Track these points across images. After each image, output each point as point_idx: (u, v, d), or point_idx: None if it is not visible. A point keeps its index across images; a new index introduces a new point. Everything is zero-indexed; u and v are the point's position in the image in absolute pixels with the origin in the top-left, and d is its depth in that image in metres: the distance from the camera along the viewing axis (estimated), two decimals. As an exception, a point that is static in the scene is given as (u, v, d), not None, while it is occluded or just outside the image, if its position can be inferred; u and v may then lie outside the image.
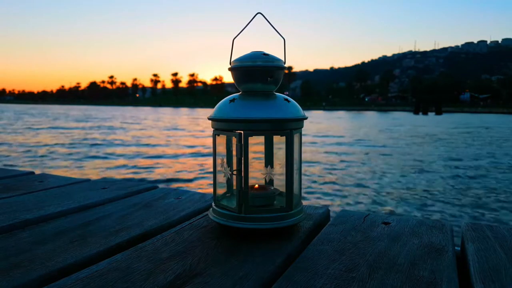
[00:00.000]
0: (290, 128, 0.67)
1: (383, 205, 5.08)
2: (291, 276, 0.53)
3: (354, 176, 7.03)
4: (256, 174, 0.74)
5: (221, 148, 0.74)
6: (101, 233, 0.69)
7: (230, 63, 0.71)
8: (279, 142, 0.71)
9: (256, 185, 0.74)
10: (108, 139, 13.08)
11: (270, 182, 0.77)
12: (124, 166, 7.89)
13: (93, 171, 7.33)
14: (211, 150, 0.72)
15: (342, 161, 8.86)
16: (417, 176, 7.06)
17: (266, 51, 0.70)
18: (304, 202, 0.81)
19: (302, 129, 0.71)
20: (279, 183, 0.75)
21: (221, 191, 0.76)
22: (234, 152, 0.67)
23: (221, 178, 0.74)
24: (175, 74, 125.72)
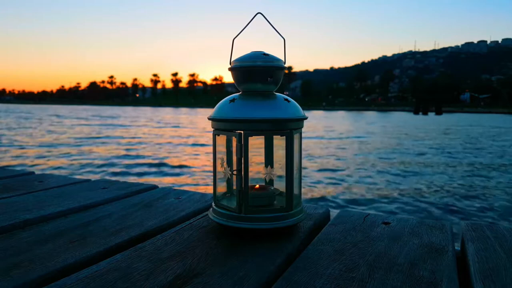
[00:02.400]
0: (290, 128, 0.67)
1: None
2: (291, 276, 0.53)
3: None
4: (256, 174, 0.74)
5: (221, 148, 0.74)
6: (101, 233, 0.69)
7: (230, 63, 0.71)
8: (279, 142, 0.71)
9: (256, 185, 0.74)
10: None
11: (270, 182, 0.77)
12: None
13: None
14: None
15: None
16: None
17: (266, 51, 0.70)
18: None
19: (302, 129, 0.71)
20: (279, 183, 0.75)
21: (221, 190, 0.76)
22: (234, 152, 0.67)
23: (221, 178, 0.74)
24: (175, 74, 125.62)
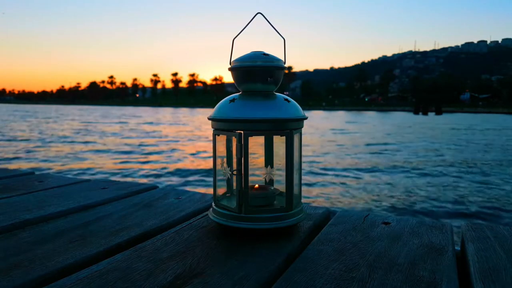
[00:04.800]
0: (290, 128, 0.67)
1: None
2: (291, 276, 0.53)
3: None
4: (256, 174, 0.74)
5: (221, 148, 0.74)
6: (101, 233, 0.69)
7: (230, 63, 0.71)
8: (279, 142, 0.71)
9: (256, 185, 0.74)
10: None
11: (270, 182, 0.77)
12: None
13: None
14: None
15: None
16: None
17: (266, 51, 0.70)
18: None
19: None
20: (279, 183, 0.75)
21: (221, 191, 0.76)
22: (234, 152, 0.67)
23: (221, 178, 0.74)
24: (175, 74, 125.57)
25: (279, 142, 0.71)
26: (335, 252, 0.61)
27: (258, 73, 0.69)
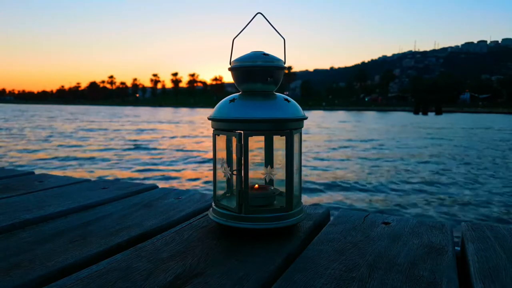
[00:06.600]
0: (290, 128, 0.67)
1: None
2: (291, 276, 0.53)
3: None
4: (256, 174, 0.74)
5: (221, 148, 0.74)
6: (101, 233, 0.69)
7: (230, 63, 0.71)
8: (279, 142, 0.71)
9: (256, 185, 0.74)
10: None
11: (270, 182, 0.77)
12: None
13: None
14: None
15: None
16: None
17: (266, 51, 0.70)
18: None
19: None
20: (279, 183, 0.75)
21: (221, 191, 0.76)
22: (234, 152, 0.67)
23: (221, 178, 0.74)
24: (175, 74, 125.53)
25: (279, 142, 0.71)
26: (335, 252, 0.61)
27: (258, 73, 0.69)
